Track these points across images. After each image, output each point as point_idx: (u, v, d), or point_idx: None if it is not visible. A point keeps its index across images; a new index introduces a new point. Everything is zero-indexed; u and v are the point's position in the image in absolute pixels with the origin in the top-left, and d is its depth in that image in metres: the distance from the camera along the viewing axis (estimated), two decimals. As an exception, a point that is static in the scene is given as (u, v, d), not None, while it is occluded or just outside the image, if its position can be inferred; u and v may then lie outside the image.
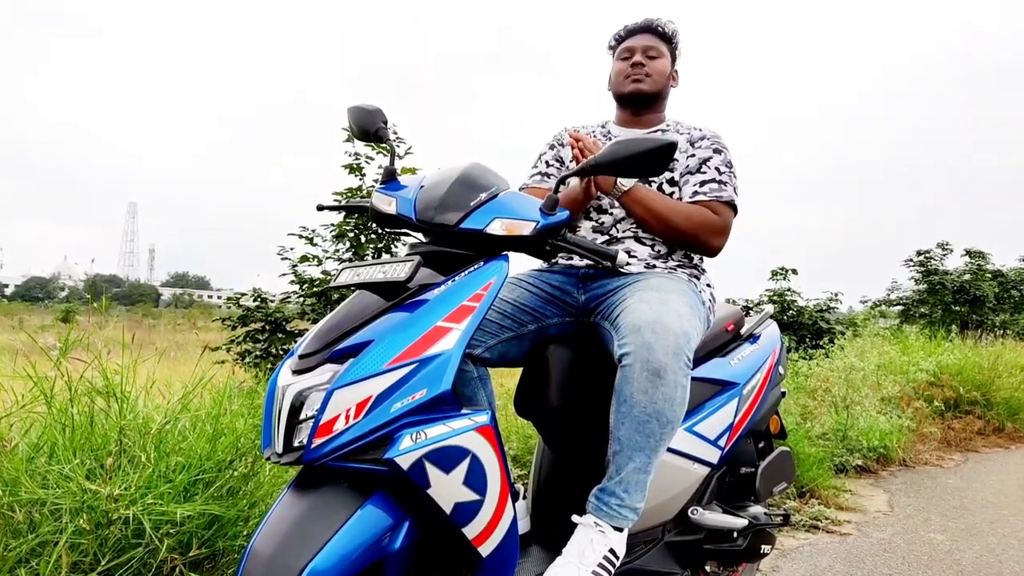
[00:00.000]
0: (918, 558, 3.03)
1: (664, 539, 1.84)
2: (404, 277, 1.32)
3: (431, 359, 1.27)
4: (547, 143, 2.18)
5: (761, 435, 2.22)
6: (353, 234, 5.03)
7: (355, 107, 1.68)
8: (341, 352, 1.29)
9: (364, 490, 1.25)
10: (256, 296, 5.18)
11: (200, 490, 1.82)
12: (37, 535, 1.56)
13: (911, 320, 13.84)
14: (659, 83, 2.04)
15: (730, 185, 1.94)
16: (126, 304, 50.51)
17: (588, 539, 1.56)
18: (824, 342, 8.56)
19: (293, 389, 1.26)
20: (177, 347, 5.05)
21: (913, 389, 6.25)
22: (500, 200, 1.46)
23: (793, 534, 3.30)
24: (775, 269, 9.99)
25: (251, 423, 2.10)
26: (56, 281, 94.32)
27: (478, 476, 1.29)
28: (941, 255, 14.34)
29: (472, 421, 1.30)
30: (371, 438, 1.22)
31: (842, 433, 4.77)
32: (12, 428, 1.87)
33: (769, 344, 2.16)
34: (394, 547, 1.25)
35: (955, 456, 5.48)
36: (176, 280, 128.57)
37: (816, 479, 3.90)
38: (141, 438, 1.85)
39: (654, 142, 1.47)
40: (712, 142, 1.99)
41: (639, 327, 1.59)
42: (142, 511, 1.61)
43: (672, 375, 1.56)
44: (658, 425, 1.57)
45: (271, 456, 1.28)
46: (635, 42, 2.06)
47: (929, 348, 7.66)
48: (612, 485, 1.59)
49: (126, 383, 1.99)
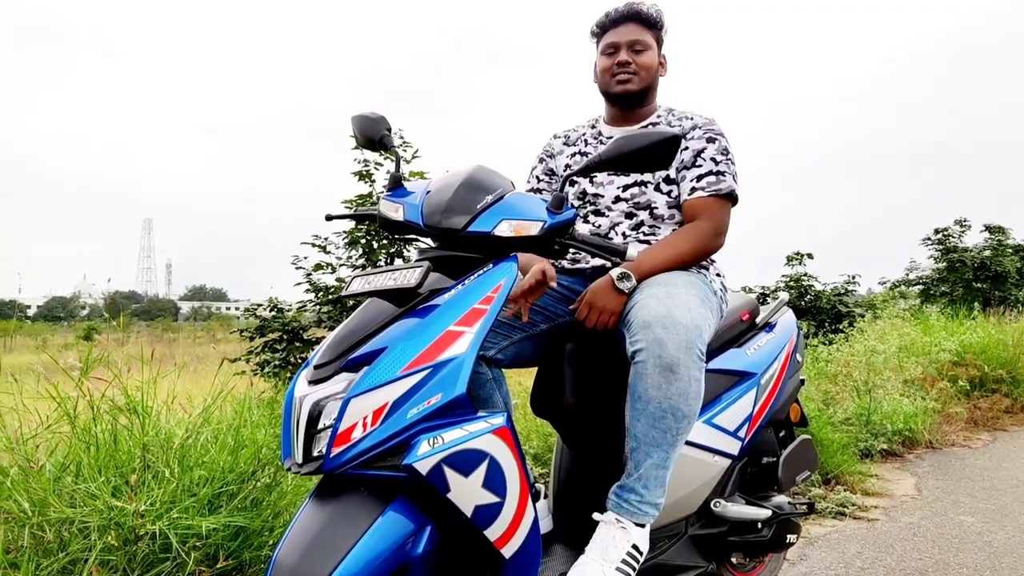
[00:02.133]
0: (948, 541, 2.99)
1: (688, 533, 1.83)
2: (414, 283, 1.33)
3: (445, 363, 1.28)
4: (537, 156, 2.16)
5: (782, 424, 2.20)
6: (365, 240, 5.06)
7: (359, 116, 1.68)
8: (355, 360, 1.30)
9: (385, 497, 1.26)
10: (272, 306, 5.22)
11: (224, 502, 1.84)
12: (67, 553, 1.59)
13: (931, 300, 13.68)
14: (647, 79, 1.96)
15: (728, 175, 1.90)
16: (146, 319, 51.08)
17: (610, 536, 1.56)
18: (843, 326, 8.48)
19: (310, 399, 1.27)
20: (197, 360, 5.09)
21: (936, 370, 6.17)
22: (506, 201, 1.46)
23: (820, 521, 3.28)
24: (790, 254, 9.92)
25: (272, 433, 2.12)
26: (77, 300, 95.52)
27: (497, 478, 1.29)
28: (960, 232, 14.17)
29: (488, 424, 1.30)
30: (389, 445, 1.23)
31: (865, 417, 4.73)
32: (38, 449, 1.89)
33: (786, 332, 2.14)
34: (417, 552, 1.26)
35: (983, 436, 5.41)
36: (194, 293, 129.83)
37: (841, 465, 3.86)
38: (164, 453, 1.87)
39: (658, 135, 1.46)
40: (705, 131, 1.93)
41: (649, 323, 1.58)
42: (168, 526, 1.63)
43: (685, 369, 1.56)
44: (674, 420, 1.57)
45: (291, 467, 1.29)
46: (619, 36, 1.96)
47: (951, 327, 7.56)
48: (631, 482, 1.59)
49: (148, 399, 2.01)
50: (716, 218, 1.88)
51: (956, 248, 13.88)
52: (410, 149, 5.22)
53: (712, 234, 1.87)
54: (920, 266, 14.61)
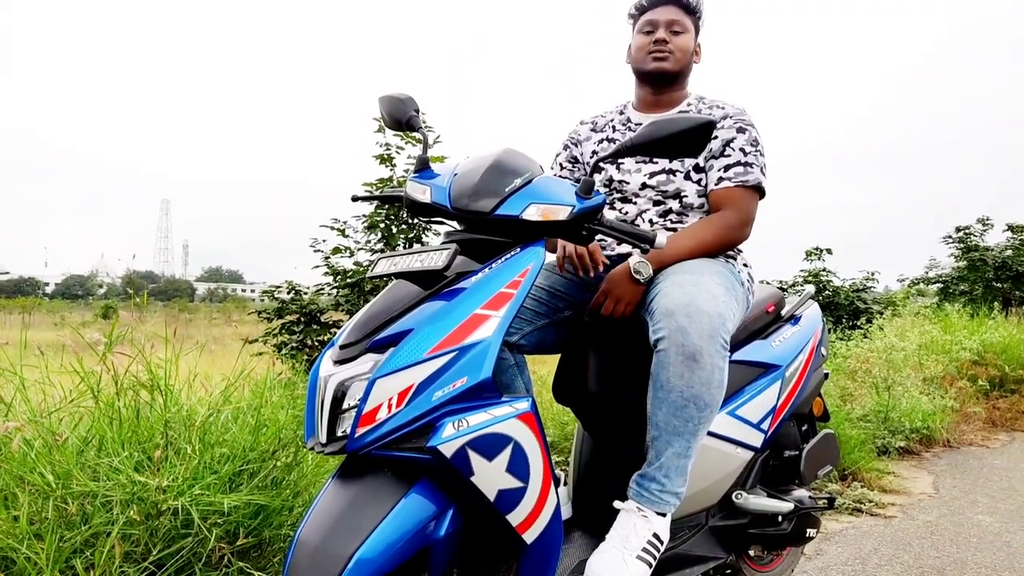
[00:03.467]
0: (967, 540, 2.96)
1: (708, 524, 1.82)
2: (441, 265, 1.32)
3: (471, 347, 1.27)
4: (562, 142, 2.14)
5: (804, 418, 2.18)
6: (384, 224, 5.05)
7: (387, 96, 1.67)
8: (381, 341, 1.29)
9: (408, 479, 1.25)
10: (290, 288, 5.23)
11: (245, 480, 1.85)
12: (90, 527, 1.60)
13: (951, 298, 13.50)
14: (682, 61, 1.95)
15: (756, 166, 1.87)
16: (162, 300, 51.57)
17: (631, 524, 1.55)
18: (861, 322, 8.41)
19: (335, 379, 1.27)
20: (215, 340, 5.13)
21: (956, 368, 6.11)
22: (535, 185, 1.44)
23: (836, 517, 3.26)
24: (809, 249, 9.83)
25: (292, 414, 2.12)
26: (94, 279, 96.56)
27: (521, 463, 1.28)
28: (981, 231, 13.96)
29: (513, 408, 1.29)
30: (414, 427, 1.22)
31: (884, 414, 4.69)
32: (62, 422, 1.91)
33: (811, 325, 2.12)
34: (439, 535, 1.25)
35: (1001, 436, 5.35)
36: (210, 275, 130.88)
37: (858, 461, 3.83)
38: (186, 430, 1.88)
39: (691, 121, 1.43)
40: (736, 120, 1.91)
41: (672, 311, 1.56)
42: (190, 502, 1.64)
43: (708, 358, 1.54)
44: (696, 409, 1.55)
45: (315, 446, 1.29)
46: (658, 15, 1.95)
47: (972, 326, 7.48)
48: (652, 471, 1.58)
49: (169, 377, 2.02)
50: (743, 209, 1.85)
51: (977, 247, 13.68)
52: (432, 134, 5.20)
53: (738, 225, 1.85)
54: (940, 264, 14.42)
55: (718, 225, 1.83)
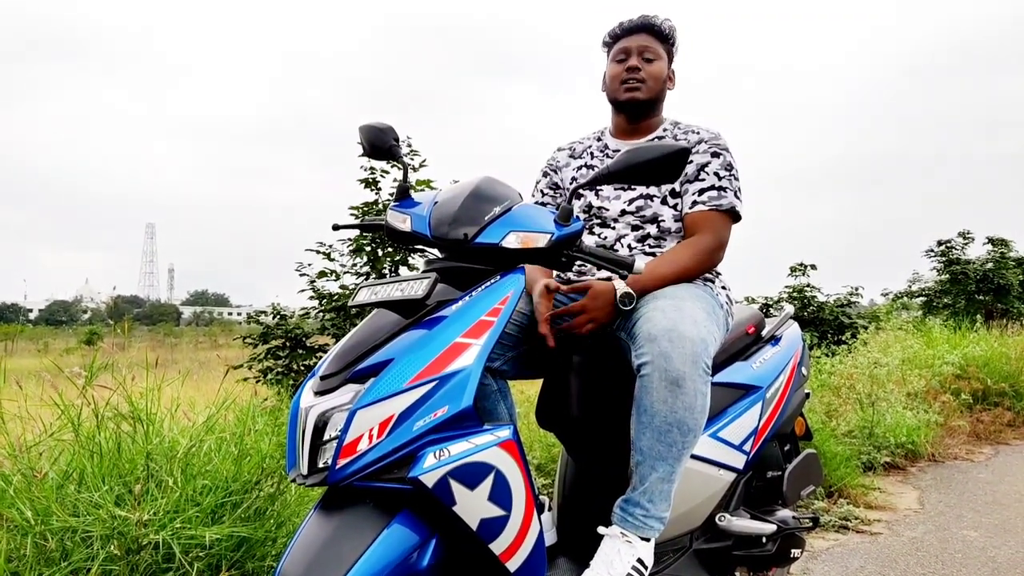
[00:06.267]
0: (952, 556, 2.98)
1: (692, 547, 1.82)
2: (421, 294, 1.33)
3: (451, 376, 1.28)
4: (541, 170, 2.15)
5: (787, 438, 2.19)
6: (370, 248, 5.06)
7: (367, 126, 1.68)
8: (362, 372, 1.29)
9: (390, 509, 1.25)
10: (275, 313, 5.22)
11: (228, 512, 1.83)
12: (70, 563, 1.58)
13: (934, 312, 13.65)
14: (655, 89, 1.97)
15: (730, 191, 1.90)
16: (148, 324, 51.07)
17: (615, 550, 1.55)
18: (846, 337, 8.47)
19: (316, 410, 1.27)
20: (200, 366, 5.09)
21: (939, 383, 6.16)
22: (514, 213, 1.46)
23: (823, 535, 3.26)
24: (794, 265, 9.92)
25: (275, 442, 2.11)
26: (79, 304, 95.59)
27: (503, 491, 1.29)
28: (963, 244, 14.16)
29: (495, 436, 1.30)
30: (395, 457, 1.23)
31: (868, 430, 4.71)
32: (42, 456, 1.89)
33: (791, 345, 2.13)
34: (422, 565, 1.25)
35: (985, 449, 5.39)
36: (196, 298, 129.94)
37: (844, 478, 3.85)
38: (168, 462, 1.86)
39: (666, 148, 1.46)
40: (710, 145, 1.93)
41: (655, 336, 1.58)
42: (171, 535, 1.63)
43: (691, 383, 1.55)
44: (679, 434, 1.56)
45: (296, 478, 1.28)
46: (630, 42, 1.97)
47: (954, 340, 7.56)
48: (636, 496, 1.59)
49: (151, 406, 2.01)
50: (716, 232, 1.88)
51: (959, 260, 13.86)
52: (417, 157, 5.23)
53: (713, 248, 1.87)
54: (923, 278, 14.60)
55: (694, 250, 1.85)
